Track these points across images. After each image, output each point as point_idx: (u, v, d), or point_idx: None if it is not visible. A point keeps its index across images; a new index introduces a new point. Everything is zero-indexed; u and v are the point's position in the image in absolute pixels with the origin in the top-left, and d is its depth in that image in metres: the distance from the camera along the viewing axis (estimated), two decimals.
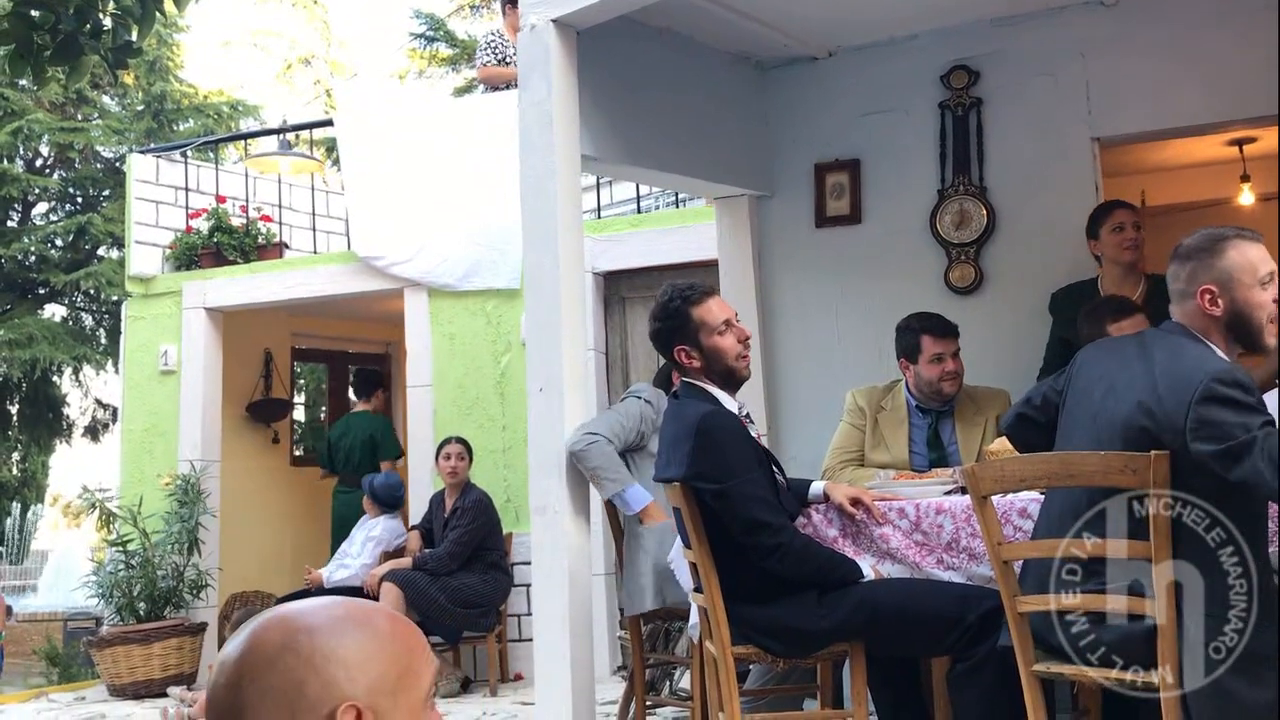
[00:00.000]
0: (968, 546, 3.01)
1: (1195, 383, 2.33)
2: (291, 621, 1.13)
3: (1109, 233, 4.06)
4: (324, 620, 1.12)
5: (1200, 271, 2.52)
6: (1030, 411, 2.82)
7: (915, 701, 3.21)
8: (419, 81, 16.41)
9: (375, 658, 1.11)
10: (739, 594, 2.97)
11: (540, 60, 3.87)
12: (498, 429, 6.67)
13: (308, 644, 1.10)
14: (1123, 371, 2.54)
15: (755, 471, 3.02)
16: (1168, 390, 2.39)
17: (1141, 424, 2.41)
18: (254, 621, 1.15)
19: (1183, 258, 2.57)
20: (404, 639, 1.15)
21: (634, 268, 6.44)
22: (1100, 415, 2.54)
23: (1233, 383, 2.32)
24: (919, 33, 4.68)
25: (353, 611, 1.14)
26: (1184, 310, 2.55)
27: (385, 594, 5.75)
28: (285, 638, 1.11)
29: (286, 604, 1.18)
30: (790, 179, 4.98)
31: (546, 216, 3.83)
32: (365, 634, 1.12)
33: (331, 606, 1.15)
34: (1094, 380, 2.61)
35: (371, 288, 7.19)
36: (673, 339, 3.17)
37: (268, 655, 1.10)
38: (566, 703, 3.61)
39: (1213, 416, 2.29)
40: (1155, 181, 6.33)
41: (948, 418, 3.93)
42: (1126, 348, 2.61)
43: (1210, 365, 2.38)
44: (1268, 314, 2.49)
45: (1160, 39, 4.34)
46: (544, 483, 3.75)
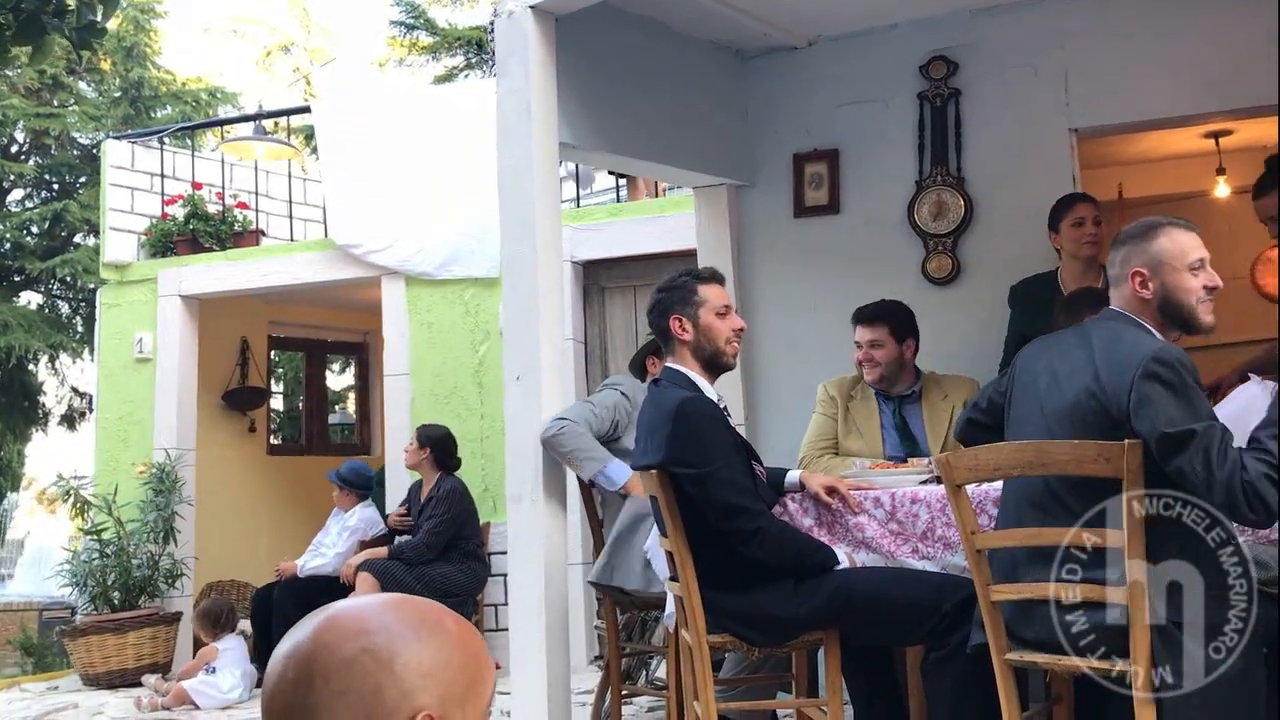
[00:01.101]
0: (943, 536, 3.02)
1: (1136, 362, 2.39)
2: (366, 622, 1.08)
3: (1069, 227, 4.07)
4: (399, 623, 1.08)
5: (1133, 255, 2.60)
6: (978, 415, 2.90)
7: (889, 690, 3.21)
8: (399, 70, 16.32)
9: (449, 665, 1.07)
10: (715, 582, 2.97)
11: (518, 47, 3.85)
12: (475, 418, 6.65)
13: (386, 647, 1.05)
14: (1063, 362, 2.60)
15: (734, 458, 3.02)
16: (1109, 373, 2.45)
17: (1089, 407, 2.46)
18: (318, 618, 1.09)
19: (1119, 243, 2.66)
20: (472, 646, 1.11)
21: (613, 257, 6.43)
22: (1047, 406, 2.58)
23: (1173, 361, 2.38)
24: (898, 23, 4.68)
25: (426, 615, 1.10)
26: (1120, 294, 2.63)
27: (361, 583, 5.73)
28: (362, 639, 1.06)
29: (350, 601, 1.13)
30: (769, 169, 4.98)
31: (524, 205, 3.82)
32: (440, 639, 1.08)
33: (402, 607, 1.11)
34: (1037, 374, 2.66)
35: (349, 276, 7.15)
36: (672, 308, 3.18)
37: (344, 657, 1.05)
38: (542, 692, 3.60)
39: (1153, 395, 2.35)
40: (1132, 174, 6.36)
41: (913, 404, 3.98)
42: (1065, 339, 2.69)
43: (1149, 345, 2.45)
44: (1196, 298, 2.57)
45: (1138, 31, 4.36)
46: (520, 472, 3.74)
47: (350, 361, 10.88)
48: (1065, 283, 4.10)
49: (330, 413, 11.91)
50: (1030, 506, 2.57)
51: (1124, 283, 2.61)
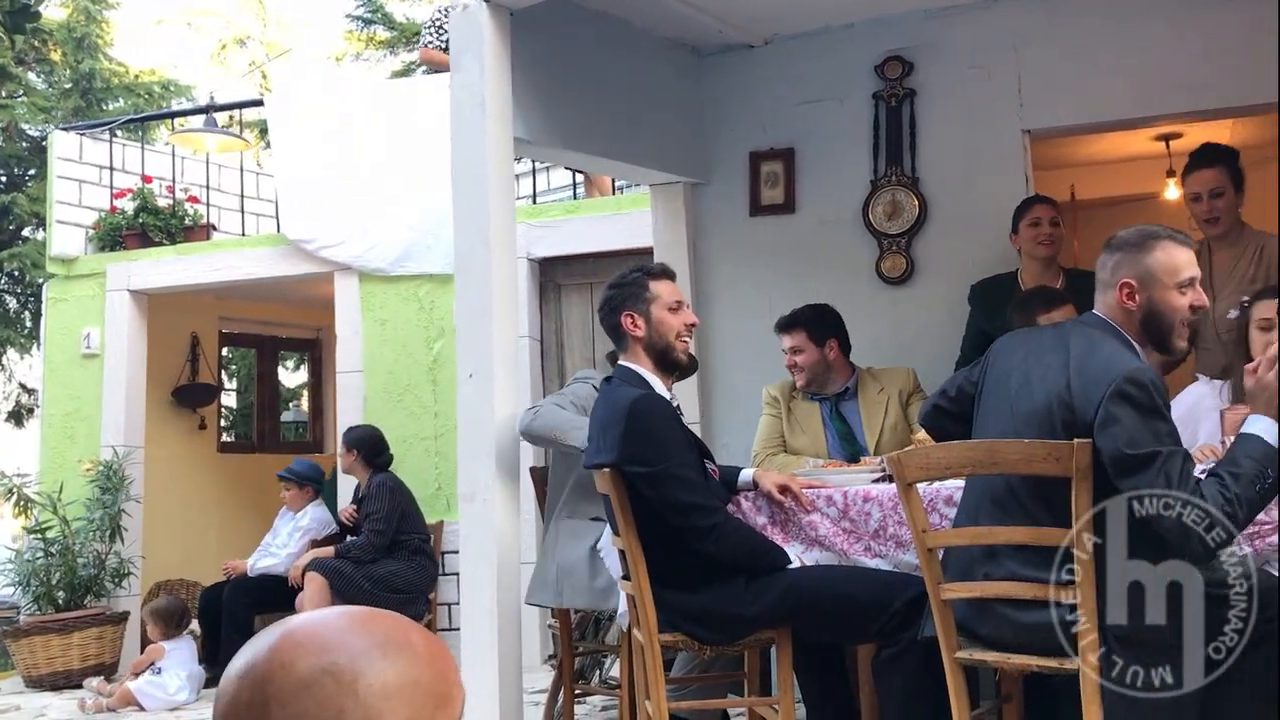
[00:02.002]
0: (894, 534, 3.02)
1: (1108, 379, 2.36)
2: (327, 639, 1.01)
3: (1026, 227, 4.12)
4: (363, 640, 1.02)
5: (1124, 265, 2.55)
6: (945, 403, 2.87)
7: (841, 688, 3.22)
8: (356, 64, 16.17)
9: (416, 686, 1.01)
10: (667, 581, 2.96)
11: (473, 41, 3.81)
12: (429, 416, 6.59)
13: (349, 667, 0.99)
14: (1037, 363, 2.57)
15: (687, 455, 3.01)
16: (1080, 385, 2.42)
17: (1059, 415, 2.45)
18: (276, 634, 1.02)
19: (1112, 249, 2.60)
20: (441, 664, 1.05)
21: (569, 254, 6.39)
22: (1017, 406, 2.57)
23: (1145, 383, 2.34)
24: (854, 22, 4.69)
25: (391, 632, 1.04)
26: (1104, 301, 2.59)
27: (310, 583, 5.66)
28: (323, 658, 0.99)
29: (310, 615, 1.06)
30: (725, 167, 4.97)
31: (478, 200, 3.78)
32: (406, 658, 1.02)
33: (367, 623, 1.04)
34: (1010, 370, 2.64)
35: (301, 271, 7.06)
36: (624, 304, 3.16)
37: (303, 678, 0.98)
38: (494, 692, 3.57)
39: (1120, 415, 2.32)
40: (1084, 175, 6.42)
41: (849, 401, 4.04)
42: (1043, 338, 2.64)
43: (1123, 364, 2.40)
44: (1180, 317, 2.53)
45: (1091, 33, 4.39)
46: (472, 470, 3.71)
47: (304, 358, 10.76)
48: (1025, 282, 4.14)
49: (284, 410, 11.78)
50: (991, 504, 2.57)
51: (1111, 290, 2.56)
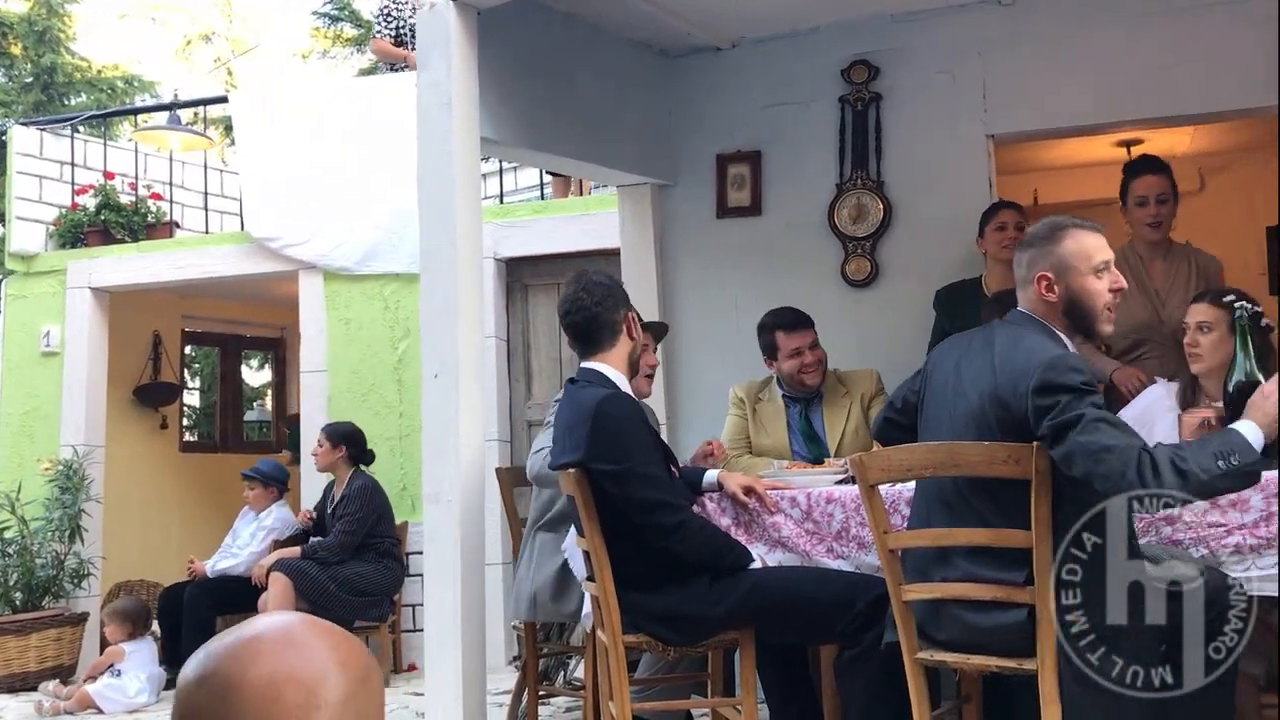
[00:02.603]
0: (857, 535, 3.04)
1: (1030, 373, 2.38)
2: (289, 646, 1.01)
3: (992, 231, 4.16)
4: (323, 648, 1.02)
5: (1039, 258, 2.58)
6: (894, 415, 2.91)
7: (804, 689, 3.23)
8: (323, 62, 16.07)
9: (369, 702, 1.03)
10: (631, 582, 2.96)
11: (439, 40, 3.80)
12: (394, 416, 6.56)
13: (314, 676, 1.00)
14: (969, 366, 2.60)
15: (653, 454, 3.02)
16: (1006, 381, 2.45)
17: (990, 415, 2.47)
18: (238, 639, 1.01)
19: (1025, 245, 2.64)
20: (378, 677, 1.06)
21: (536, 254, 6.38)
22: (955, 409, 2.60)
23: (1065, 368, 2.36)
24: (821, 26, 4.72)
25: (338, 640, 1.04)
26: (1026, 297, 2.63)
27: (274, 583, 5.62)
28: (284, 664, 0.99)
29: (271, 621, 1.04)
30: (692, 169, 4.98)
31: (444, 199, 3.77)
32: (356, 667, 1.03)
33: (328, 634, 1.04)
34: (946, 375, 2.67)
35: (266, 270, 7.01)
36: (625, 303, 3.21)
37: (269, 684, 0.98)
38: (457, 693, 3.56)
39: (1044, 403, 2.34)
40: (1047, 180, 6.49)
41: (818, 404, 4.05)
42: (973, 340, 2.67)
43: (1043, 354, 2.41)
44: (1103, 301, 2.55)
45: (1054, 40, 4.44)
46: (437, 471, 3.69)
47: (268, 357, 10.68)
48: (989, 286, 4.17)
49: (248, 409, 11.68)
50: (941, 506, 2.60)
51: (1029, 285, 2.59)
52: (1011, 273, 4.11)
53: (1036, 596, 2.39)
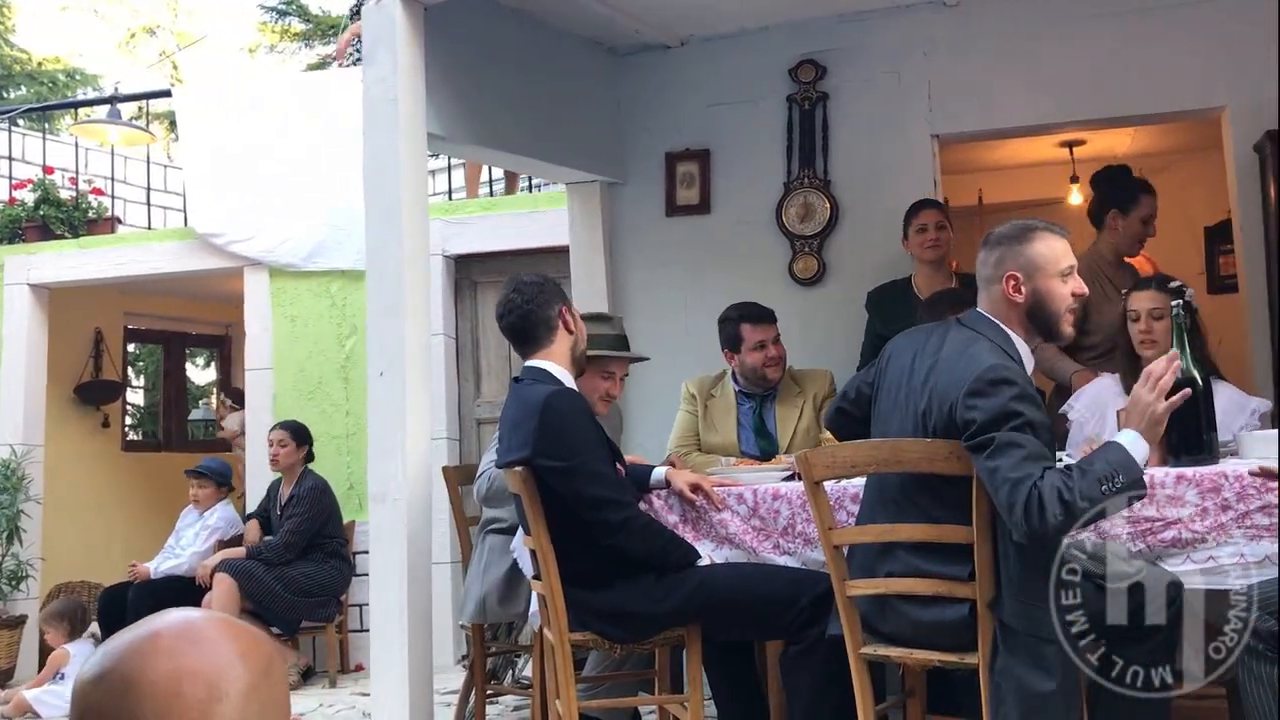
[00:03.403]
0: (803, 532, 3.05)
1: (965, 380, 2.41)
2: (190, 641, 0.99)
3: (914, 233, 4.21)
4: (226, 642, 1.00)
5: (1008, 258, 2.59)
6: (847, 405, 2.92)
7: (750, 685, 3.25)
8: (270, 56, 15.87)
9: (274, 700, 1.02)
10: (578, 579, 2.95)
11: (386, 35, 3.77)
12: (341, 414, 6.50)
13: (215, 670, 0.98)
14: (921, 364, 2.62)
15: (601, 451, 3.01)
16: (948, 386, 2.47)
17: (934, 415, 2.50)
18: (137, 635, 0.99)
19: (992, 244, 2.64)
20: (283, 670, 1.06)
21: (485, 251, 6.36)
22: (908, 404, 2.63)
23: (996, 381, 2.36)
24: (769, 25, 4.74)
25: (242, 635, 1.03)
26: (989, 296, 2.63)
27: (218, 584, 5.55)
28: (185, 660, 0.98)
29: (173, 616, 1.02)
30: (642, 166, 4.99)
31: (390, 196, 3.74)
32: (260, 663, 1.01)
33: (229, 627, 1.02)
34: (902, 370, 2.69)
35: (210, 266, 6.91)
36: (559, 298, 3.16)
37: (167, 679, 0.96)
38: (403, 693, 3.54)
39: (968, 416, 2.37)
40: (992, 180, 6.57)
41: (771, 402, 4.05)
42: (929, 338, 2.67)
43: (981, 363, 2.42)
44: (1066, 305, 2.58)
45: (998, 41, 4.50)
46: (383, 469, 3.67)
47: (213, 355, 10.54)
48: (918, 286, 4.21)
49: (194, 408, 11.51)
50: (887, 503, 2.62)
51: (996, 284, 2.59)
52: (937, 271, 4.21)
53: (978, 591, 2.42)
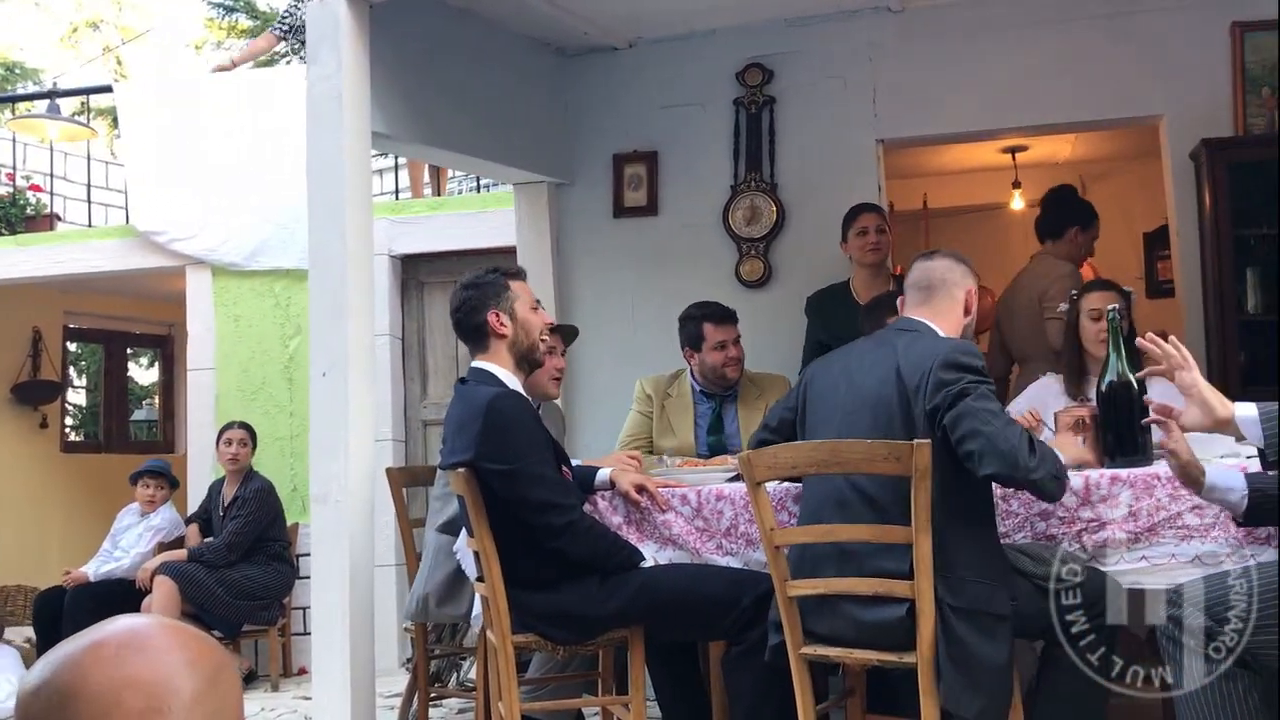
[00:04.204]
0: (745, 532, 3.07)
1: (938, 354, 2.56)
2: (133, 650, 0.97)
3: (854, 236, 4.24)
4: (171, 651, 0.98)
5: (969, 276, 2.84)
6: (769, 435, 2.96)
7: (693, 686, 3.26)
8: (217, 53, 15.67)
9: (223, 707, 0.99)
10: (521, 581, 2.95)
11: (329, 33, 3.74)
12: (285, 415, 6.43)
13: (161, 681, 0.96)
14: (859, 365, 2.73)
15: (545, 453, 3.00)
16: (909, 365, 2.60)
17: (891, 392, 2.59)
18: (79, 645, 0.97)
19: (957, 259, 2.87)
20: (235, 679, 1.03)
21: (432, 251, 6.32)
22: (847, 404, 2.68)
23: (967, 351, 2.59)
24: (717, 28, 4.76)
25: (189, 643, 1.00)
26: (950, 299, 2.80)
27: (159, 587, 5.46)
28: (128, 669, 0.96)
29: (116, 625, 1.00)
30: (589, 168, 4.99)
31: (334, 194, 3.71)
32: (207, 671, 0.99)
33: (177, 634, 1.00)
34: (833, 381, 2.77)
35: (152, 265, 6.80)
36: (487, 303, 3.09)
37: (108, 691, 0.94)
38: (345, 696, 3.51)
39: (948, 377, 2.52)
40: (936, 185, 6.64)
41: (731, 402, 4.06)
42: (862, 347, 2.82)
43: (950, 342, 2.65)
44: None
45: (942, 47, 4.55)
46: (325, 471, 3.63)
47: (156, 355, 10.38)
48: (856, 290, 4.25)
49: (137, 408, 11.35)
50: (832, 504, 2.64)
51: (959, 289, 2.81)
52: (875, 275, 4.26)
53: (917, 590, 2.45)
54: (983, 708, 2.43)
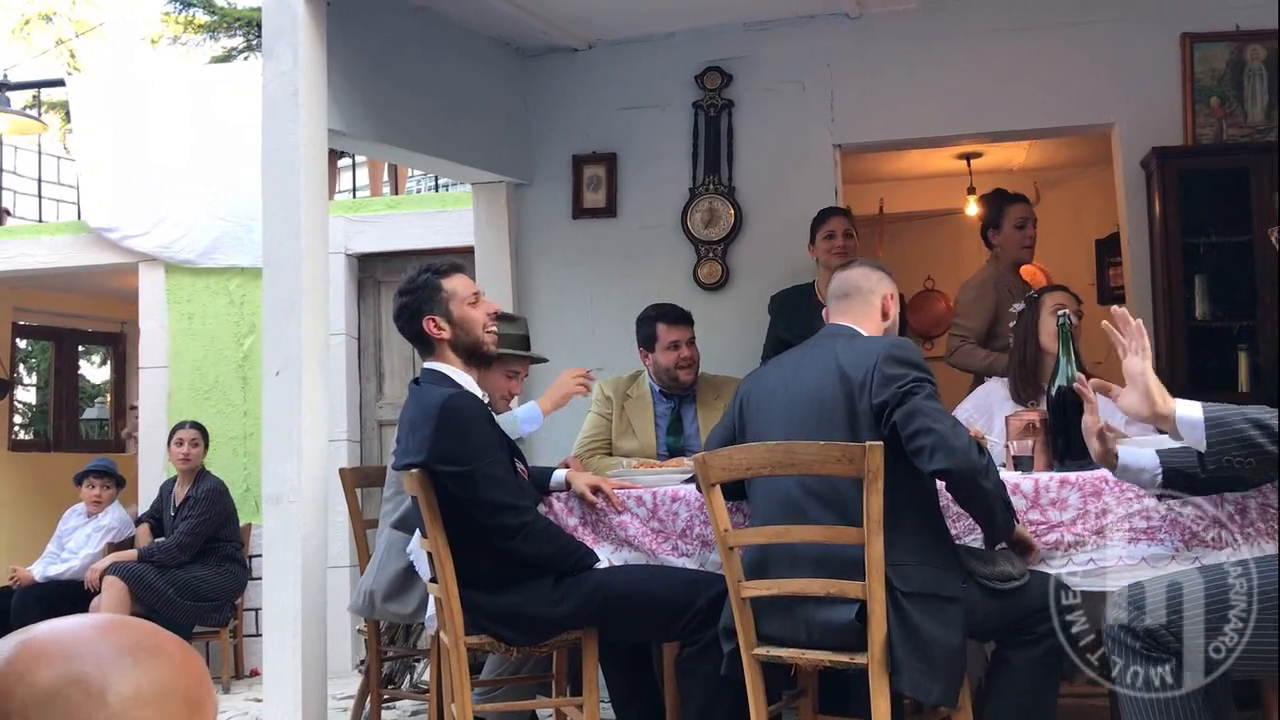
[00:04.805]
0: (700, 534, 3.08)
1: (880, 350, 2.62)
2: (71, 647, 0.94)
3: (822, 239, 4.27)
4: (111, 648, 0.95)
5: (887, 280, 2.90)
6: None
7: (647, 687, 3.26)
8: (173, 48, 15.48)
9: (170, 693, 0.95)
10: (475, 582, 2.93)
11: (286, 29, 3.71)
12: (238, 414, 6.36)
13: (97, 677, 0.92)
14: (796, 370, 2.76)
15: (499, 454, 2.99)
16: (851, 361, 2.64)
17: (830, 392, 2.63)
18: (12, 644, 0.94)
19: (876, 267, 2.94)
20: (194, 669, 0.99)
21: (389, 251, 6.28)
22: (788, 408, 2.70)
23: (908, 348, 2.66)
24: (676, 31, 4.77)
25: (142, 638, 0.97)
26: (869, 306, 2.84)
27: (108, 588, 5.38)
28: (68, 667, 0.92)
29: (52, 624, 0.97)
30: (548, 169, 4.98)
31: (289, 192, 3.69)
32: (158, 664, 0.96)
33: (116, 630, 0.97)
34: (770, 389, 2.80)
35: (104, 261, 6.71)
36: (422, 309, 3.05)
37: (47, 689, 0.90)
38: (296, 698, 3.49)
39: (894, 371, 2.56)
40: (892, 190, 6.69)
41: (690, 403, 4.06)
42: (798, 353, 2.85)
43: (890, 339, 2.74)
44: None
45: (899, 54, 4.59)
46: (278, 471, 3.61)
47: (108, 353, 10.24)
48: (821, 291, 4.27)
49: (88, 407, 11.18)
50: (782, 504, 2.65)
51: (875, 297, 2.85)
52: None
53: (868, 592, 2.47)
54: (942, 692, 2.46)
